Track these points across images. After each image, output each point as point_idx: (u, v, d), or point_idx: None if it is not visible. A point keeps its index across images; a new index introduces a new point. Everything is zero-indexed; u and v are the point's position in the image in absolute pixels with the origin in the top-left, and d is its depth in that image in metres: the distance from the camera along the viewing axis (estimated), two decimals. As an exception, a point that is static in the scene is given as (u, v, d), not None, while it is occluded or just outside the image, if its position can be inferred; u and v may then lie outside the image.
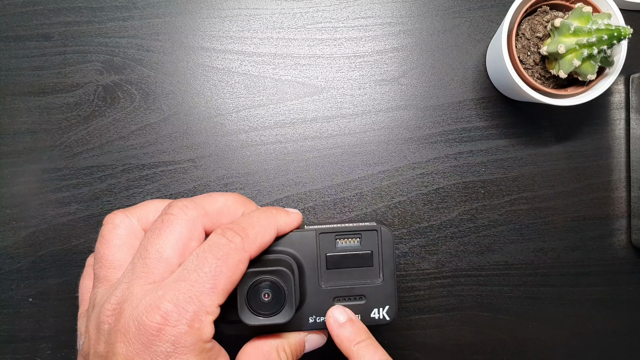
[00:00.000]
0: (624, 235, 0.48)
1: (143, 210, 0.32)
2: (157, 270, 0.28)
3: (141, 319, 0.26)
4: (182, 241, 0.29)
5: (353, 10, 0.47)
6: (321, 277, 0.33)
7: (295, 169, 0.47)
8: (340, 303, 0.33)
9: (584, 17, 0.39)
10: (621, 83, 0.48)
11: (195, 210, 0.30)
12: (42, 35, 0.47)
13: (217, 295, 0.27)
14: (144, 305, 0.27)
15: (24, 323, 0.46)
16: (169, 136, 0.47)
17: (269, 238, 0.31)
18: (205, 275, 0.27)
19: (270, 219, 0.31)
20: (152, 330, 0.26)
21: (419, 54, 0.47)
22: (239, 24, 0.47)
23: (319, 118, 0.47)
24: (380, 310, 0.33)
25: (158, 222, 0.30)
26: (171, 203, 0.30)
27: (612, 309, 0.48)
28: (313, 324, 0.33)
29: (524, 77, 0.41)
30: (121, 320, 0.27)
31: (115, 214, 0.32)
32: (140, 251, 0.29)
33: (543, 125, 0.47)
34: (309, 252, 0.33)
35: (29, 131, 0.47)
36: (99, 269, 0.31)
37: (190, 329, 0.26)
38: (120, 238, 0.31)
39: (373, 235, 0.33)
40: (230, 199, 0.32)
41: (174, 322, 0.26)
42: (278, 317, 0.30)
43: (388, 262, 0.33)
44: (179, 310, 0.27)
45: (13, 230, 0.46)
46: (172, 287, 0.27)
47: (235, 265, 0.28)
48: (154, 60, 0.47)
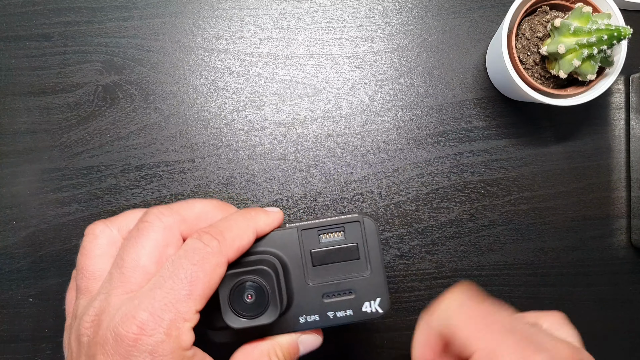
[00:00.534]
0: (624, 235, 0.48)
1: (123, 220, 0.32)
2: (133, 279, 0.28)
3: (118, 329, 0.26)
4: (159, 248, 0.29)
5: (353, 10, 0.47)
6: (307, 274, 0.32)
7: (295, 169, 0.47)
8: (328, 299, 0.32)
9: (584, 17, 0.39)
10: (621, 83, 0.48)
11: (171, 217, 0.30)
12: (42, 35, 0.47)
13: (193, 301, 0.27)
14: (120, 316, 0.26)
15: (24, 323, 0.46)
16: (169, 136, 0.47)
17: (247, 240, 0.30)
18: (181, 281, 0.27)
19: (248, 220, 0.30)
20: (128, 341, 0.26)
21: (419, 54, 0.47)
22: (239, 24, 0.47)
23: (319, 118, 0.47)
24: (372, 303, 0.32)
25: (134, 231, 0.29)
26: (147, 211, 0.30)
27: (612, 309, 0.48)
28: (305, 324, 0.32)
29: (524, 77, 0.41)
30: (99, 332, 0.27)
31: (96, 225, 0.31)
32: (117, 260, 0.29)
33: (543, 125, 0.47)
34: (293, 250, 0.32)
35: (29, 131, 0.47)
36: (80, 280, 0.30)
37: (167, 337, 0.26)
38: (100, 248, 0.31)
39: (356, 227, 0.32)
40: (208, 204, 0.32)
41: (150, 331, 0.26)
42: (263, 318, 0.29)
43: (374, 252, 0.32)
44: (155, 318, 0.26)
45: (13, 230, 0.46)
46: (148, 295, 0.27)
47: (212, 270, 0.28)
48: (154, 60, 0.47)
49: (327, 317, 0.32)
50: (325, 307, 0.32)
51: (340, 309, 0.32)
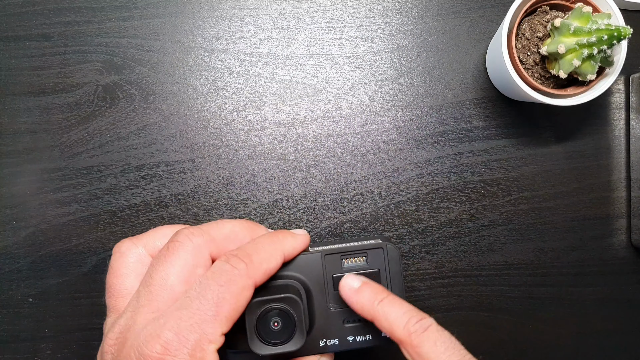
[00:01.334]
0: (624, 235, 0.48)
1: (151, 238, 0.32)
2: (161, 298, 0.28)
3: (142, 349, 0.26)
4: (187, 268, 0.29)
5: (353, 10, 0.47)
6: (329, 299, 0.32)
7: (295, 169, 0.47)
8: (349, 324, 0.32)
9: (584, 17, 0.39)
10: (621, 83, 0.48)
11: (201, 237, 0.30)
12: (42, 35, 0.47)
13: (219, 323, 0.27)
14: (145, 335, 0.26)
15: (24, 323, 0.46)
16: (168, 136, 0.47)
17: (275, 264, 0.30)
18: (208, 302, 0.27)
19: (276, 244, 0.31)
20: None
21: (419, 54, 0.47)
22: (239, 24, 0.47)
23: (319, 118, 0.47)
24: None
25: (164, 250, 0.29)
26: (178, 231, 0.30)
27: (612, 309, 0.48)
28: (324, 347, 0.32)
29: (524, 77, 0.41)
30: (123, 350, 0.27)
31: (123, 243, 0.32)
32: (146, 279, 0.29)
33: (543, 125, 0.47)
34: (316, 274, 0.32)
35: (29, 131, 0.47)
36: (109, 299, 0.31)
37: (191, 358, 0.26)
38: (127, 267, 0.31)
39: (379, 253, 0.33)
40: (237, 225, 0.32)
41: (175, 351, 0.26)
42: (289, 345, 0.29)
43: (396, 279, 0.32)
44: (180, 339, 0.26)
45: (13, 230, 0.46)
46: (174, 315, 0.27)
47: (239, 292, 0.28)
48: (154, 60, 0.47)
49: (347, 342, 0.32)
50: (345, 331, 0.32)
51: (360, 334, 0.32)
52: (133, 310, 0.28)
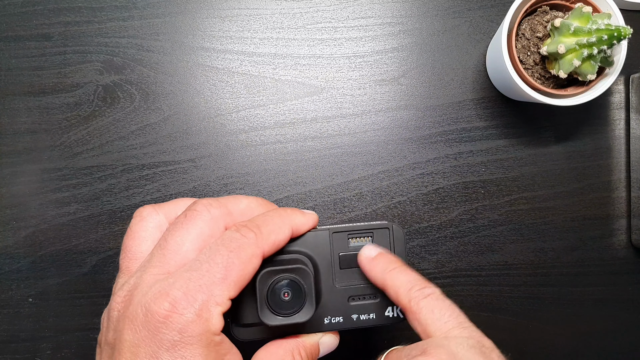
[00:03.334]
0: (624, 235, 0.48)
1: (172, 207, 0.32)
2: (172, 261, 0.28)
3: (149, 305, 0.26)
4: (203, 237, 0.29)
5: (353, 10, 0.47)
6: (335, 276, 0.33)
7: (295, 169, 0.47)
8: (354, 302, 0.33)
9: (584, 17, 0.39)
10: (621, 83, 0.48)
11: (219, 209, 0.30)
12: (42, 35, 0.47)
13: (227, 286, 0.27)
14: (153, 292, 0.27)
15: (23, 323, 0.46)
16: (168, 136, 0.47)
17: (282, 237, 0.30)
18: (217, 265, 0.27)
19: (284, 218, 0.31)
20: (159, 317, 0.26)
21: (419, 54, 0.47)
22: (239, 24, 0.47)
23: (319, 118, 0.47)
24: (395, 308, 0.33)
25: (181, 217, 0.30)
26: (196, 201, 0.31)
27: (612, 309, 0.48)
28: (329, 325, 0.32)
29: (524, 77, 0.41)
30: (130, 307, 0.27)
31: (145, 208, 0.32)
32: (161, 242, 0.29)
33: (543, 125, 0.47)
34: (323, 251, 0.32)
35: (29, 131, 0.47)
36: (123, 260, 0.31)
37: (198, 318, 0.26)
38: (145, 231, 0.31)
39: (385, 233, 0.33)
40: (253, 201, 0.32)
41: (182, 309, 0.26)
42: (299, 316, 0.30)
43: (400, 258, 0.33)
44: (188, 298, 0.26)
45: (13, 230, 0.46)
46: (183, 276, 0.27)
47: (248, 259, 0.28)
48: (153, 60, 0.47)
49: (351, 319, 0.32)
50: (350, 309, 0.32)
51: (364, 312, 0.33)
52: (143, 269, 0.29)
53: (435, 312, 0.29)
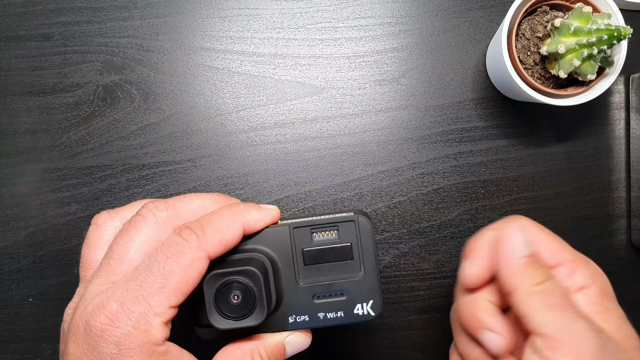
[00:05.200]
0: (624, 235, 0.48)
1: (128, 211, 0.31)
2: (118, 270, 0.28)
3: (88, 319, 0.26)
4: (149, 243, 0.28)
5: (353, 10, 0.47)
6: (298, 274, 0.31)
7: (295, 169, 0.47)
8: (319, 300, 0.31)
9: (584, 17, 0.39)
10: (621, 83, 0.48)
11: (166, 212, 0.29)
12: (42, 35, 0.47)
13: (166, 295, 0.26)
14: (92, 306, 0.26)
15: (24, 323, 0.46)
16: (168, 136, 0.47)
17: (231, 235, 0.29)
18: (154, 275, 0.26)
19: (234, 215, 0.29)
20: (96, 331, 0.26)
21: (419, 54, 0.47)
22: (239, 24, 0.47)
23: (319, 118, 0.47)
24: (364, 305, 0.31)
25: (127, 223, 0.29)
26: (145, 204, 0.30)
27: (612, 309, 0.48)
28: (294, 324, 0.31)
29: (524, 77, 0.41)
30: (73, 320, 0.27)
31: (100, 215, 0.31)
32: (107, 251, 0.29)
33: (543, 125, 0.47)
34: (284, 248, 0.31)
35: (29, 131, 0.47)
36: (81, 269, 0.31)
37: (135, 330, 0.26)
38: (101, 239, 0.31)
39: (351, 227, 0.31)
40: (207, 199, 0.31)
41: (119, 322, 0.26)
42: (249, 320, 0.28)
43: (368, 253, 0.31)
44: (124, 310, 0.26)
45: (13, 230, 0.46)
46: (121, 287, 0.27)
47: (189, 264, 0.27)
48: (154, 60, 0.47)
49: (317, 318, 0.31)
50: (315, 307, 0.31)
51: (331, 310, 0.31)
52: (90, 280, 0.28)
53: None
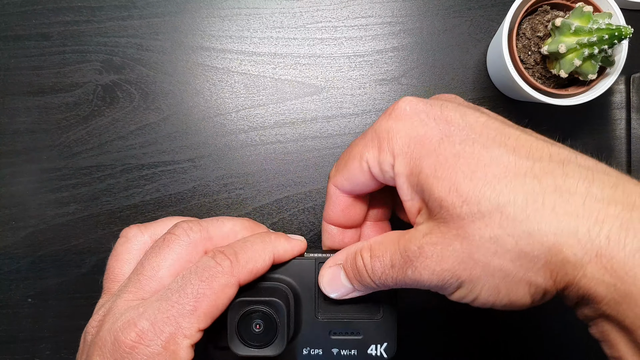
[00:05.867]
0: (625, 235, 0.47)
1: (159, 227, 0.32)
2: (147, 287, 0.28)
3: (117, 334, 0.26)
4: (180, 262, 0.29)
5: (353, 9, 0.47)
6: (318, 308, 0.32)
7: (295, 169, 0.47)
8: (335, 337, 0.32)
9: (584, 16, 0.38)
10: (622, 83, 0.48)
11: (199, 233, 0.30)
12: (41, 34, 0.47)
13: (197, 318, 0.27)
14: (123, 321, 0.27)
15: (23, 323, 0.46)
16: (168, 136, 0.47)
17: (262, 264, 0.29)
18: (187, 296, 0.27)
19: (266, 244, 0.30)
20: (125, 347, 0.26)
21: (419, 54, 0.47)
22: (239, 23, 0.47)
23: (319, 118, 0.47)
24: (378, 347, 0.32)
25: (160, 241, 0.30)
26: (177, 223, 0.30)
27: (612, 309, 0.47)
28: (307, 356, 0.31)
29: (525, 77, 0.41)
30: (100, 333, 0.27)
31: (130, 229, 0.32)
32: (137, 267, 0.29)
33: (543, 125, 0.47)
34: (307, 281, 0.31)
35: (28, 131, 0.46)
36: (105, 281, 0.31)
37: (164, 350, 0.26)
38: (129, 252, 0.31)
39: None
40: (238, 224, 0.32)
41: (148, 341, 0.26)
42: (269, 350, 0.29)
43: (389, 297, 0.32)
44: (155, 329, 0.26)
45: (12, 230, 0.46)
46: (153, 305, 0.27)
47: (221, 289, 0.27)
48: (153, 60, 0.47)
49: (331, 354, 0.32)
50: (330, 343, 0.32)
51: (346, 348, 0.32)
52: (118, 295, 0.28)
53: None
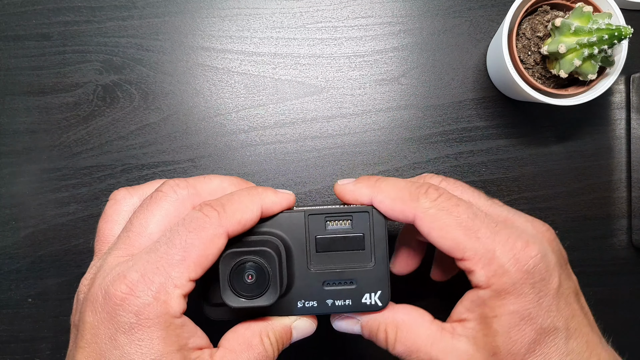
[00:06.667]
0: (625, 235, 0.47)
1: (147, 189, 0.32)
2: (137, 243, 0.28)
3: (108, 288, 0.26)
4: (168, 218, 0.29)
5: (353, 9, 0.47)
6: (310, 260, 0.32)
7: (295, 169, 0.47)
8: (329, 287, 0.31)
9: (584, 16, 0.38)
10: (622, 83, 0.48)
11: (186, 190, 0.30)
12: (42, 34, 0.47)
13: (186, 267, 0.27)
14: (113, 275, 0.27)
15: (23, 323, 0.46)
16: (168, 136, 0.47)
17: (250, 215, 0.29)
18: (175, 247, 0.27)
19: (253, 196, 0.30)
20: (116, 300, 0.26)
21: (419, 54, 0.47)
22: (239, 23, 0.47)
23: (319, 118, 0.47)
24: (372, 295, 0.32)
25: (147, 199, 0.30)
26: (165, 181, 0.30)
27: (612, 309, 0.47)
28: (302, 309, 0.31)
29: (525, 77, 0.41)
30: (92, 290, 0.27)
31: (119, 191, 0.32)
32: (127, 225, 0.29)
33: (543, 125, 0.47)
34: (298, 234, 0.32)
35: (28, 131, 0.46)
36: (96, 243, 0.31)
37: (155, 300, 0.26)
38: (119, 214, 0.31)
39: (364, 217, 0.32)
40: (226, 181, 0.32)
41: (139, 292, 0.26)
42: (262, 300, 0.29)
43: (380, 245, 0.32)
44: (145, 280, 0.26)
45: (12, 230, 0.46)
46: (142, 258, 0.27)
47: (209, 239, 0.28)
48: (153, 60, 0.47)
49: (326, 305, 0.32)
50: (324, 294, 0.32)
51: (340, 298, 0.32)
52: (108, 253, 0.29)
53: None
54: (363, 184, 0.32)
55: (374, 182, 0.31)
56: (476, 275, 0.28)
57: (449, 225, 0.29)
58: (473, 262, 0.28)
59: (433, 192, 0.30)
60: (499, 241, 0.28)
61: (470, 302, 0.29)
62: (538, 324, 0.28)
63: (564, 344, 0.29)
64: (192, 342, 0.28)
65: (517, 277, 0.28)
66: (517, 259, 0.28)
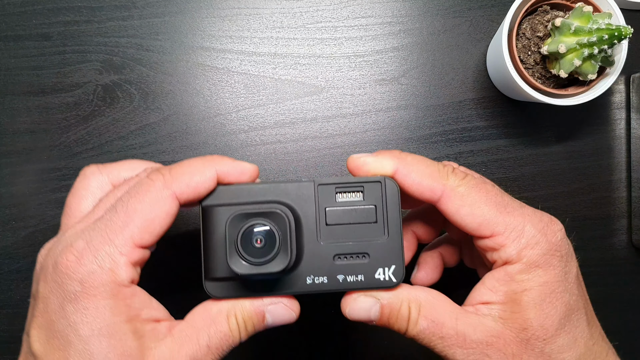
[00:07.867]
0: (625, 235, 0.47)
1: (117, 168, 0.32)
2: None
3: (57, 258, 0.26)
4: None
5: (353, 9, 0.47)
6: (320, 232, 0.29)
7: (295, 169, 0.47)
8: (340, 261, 0.29)
9: (584, 16, 0.38)
10: (622, 83, 0.48)
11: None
12: (42, 35, 0.47)
13: (130, 233, 0.26)
14: (63, 245, 0.27)
15: (23, 323, 0.46)
16: (168, 136, 0.47)
17: (202, 178, 0.28)
18: (117, 213, 0.27)
19: (206, 160, 0.29)
20: (62, 269, 0.26)
21: (419, 54, 0.47)
22: (239, 23, 0.47)
23: (319, 118, 0.47)
24: (386, 270, 0.30)
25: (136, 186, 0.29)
26: (154, 168, 0.30)
27: (612, 309, 0.47)
28: (312, 285, 0.29)
29: (525, 77, 0.41)
30: (45, 260, 0.27)
31: (89, 167, 0.32)
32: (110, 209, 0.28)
33: (543, 125, 0.47)
34: (307, 204, 0.29)
35: (28, 131, 0.46)
36: (63, 217, 0.31)
37: (100, 268, 0.26)
38: (86, 189, 0.31)
39: (376, 188, 0.30)
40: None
41: (85, 260, 0.26)
42: (272, 265, 0.27)
43: (393, 216, 0.30)
44: (90, 248, 0.26)
45: (12, 230, 0.46)
46: (90, 227, 0.27)
47: (154, 201, 0.27)
48: (153, 60, 0.47)
49: (337, 280, 0.29)
50: (335, 269, 0.29)
51: (352, 273, 0.30)
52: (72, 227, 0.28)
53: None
54: (387, 155, 0.30)
55: (399, 154, 0.30)
56: (507, 250, 0.28)
57: (479, 201, 0.29)
58: (504, 236, 0.28)
59: (460, 172, 0.30)
60: (528, 214, 0.29)
61: (495, 281, 0.29)
62: (566, 300, 0.28)
63: (587, 327, 0.29)
64: (145, 313, 0.27)
65: (547, 249, 0.28)
66: (545, 232, 0.29)
